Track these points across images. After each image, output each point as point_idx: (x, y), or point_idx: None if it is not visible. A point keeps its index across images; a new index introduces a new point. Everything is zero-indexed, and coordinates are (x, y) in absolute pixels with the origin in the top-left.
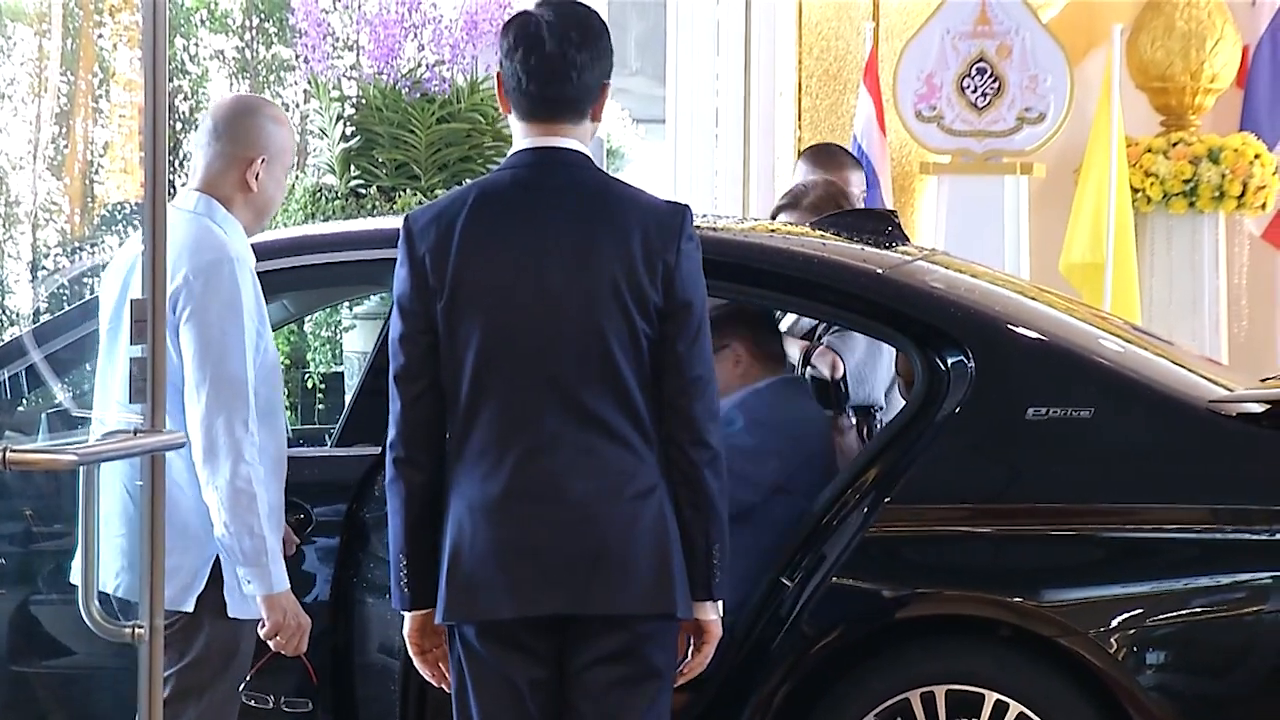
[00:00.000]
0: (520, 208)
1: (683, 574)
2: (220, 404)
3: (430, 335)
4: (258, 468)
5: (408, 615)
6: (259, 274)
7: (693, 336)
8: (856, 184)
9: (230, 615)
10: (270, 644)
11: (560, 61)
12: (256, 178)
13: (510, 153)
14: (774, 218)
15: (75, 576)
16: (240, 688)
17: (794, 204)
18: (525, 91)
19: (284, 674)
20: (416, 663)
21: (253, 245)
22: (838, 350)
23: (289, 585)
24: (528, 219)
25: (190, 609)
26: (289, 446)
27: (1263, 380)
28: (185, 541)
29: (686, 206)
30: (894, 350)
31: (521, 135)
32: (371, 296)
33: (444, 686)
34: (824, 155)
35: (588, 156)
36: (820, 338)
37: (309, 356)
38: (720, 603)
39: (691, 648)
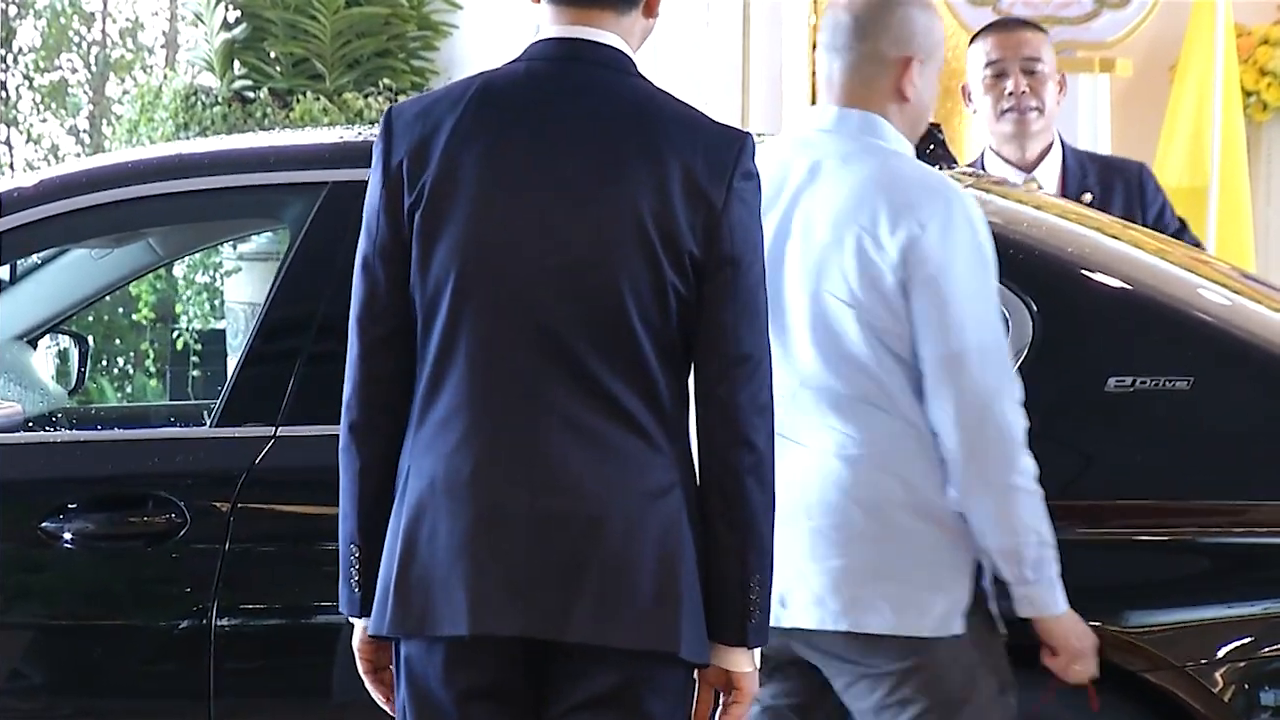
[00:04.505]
0: (530, 111)
1: (695, 603)
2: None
3: (400, 264)
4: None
5: (358, 623)
6: (113, 203)
7: (743, 303)
8: (1047, 53)
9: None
10: (1050, 665)
11: None
12: (911, 85)
13: (530, 42)
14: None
15: None
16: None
17: None
18: None
19: None
20: (368, 683)
21: (106, 168)
22: None
23: (1068, 606)
24: (537, 126)
25: (962, 630)
26: (152, 424)
27: None
28: (951, 553)
29: (747, 134)
30: None
31: (548, 25)
32: (261, 233)
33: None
34: (1001, 22)
35: (630, 59)
36: None
37: (179, 309)
38: (758, 651)
39: (720, 708)
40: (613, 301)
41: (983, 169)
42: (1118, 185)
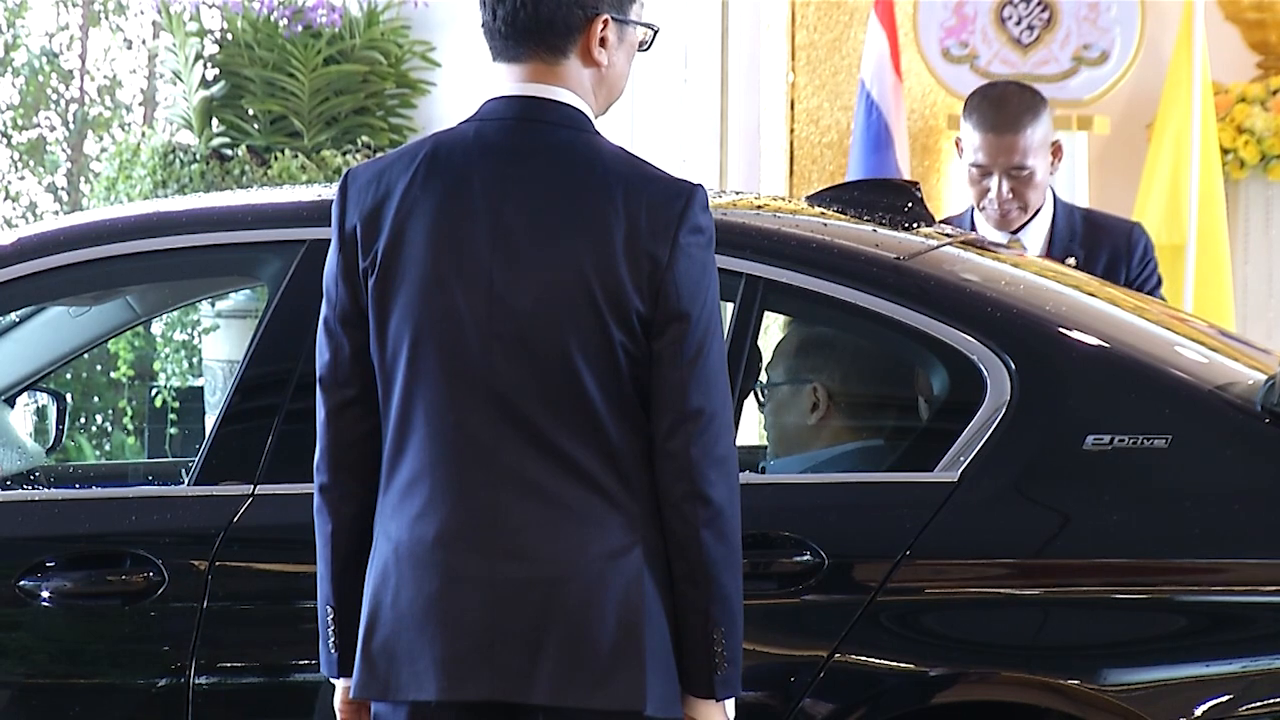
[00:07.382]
0: (477, 175)
1: (663, 658)
2: None
3: (360, 328)
4: None
5: (338, 684)
6: (91, 261)
7: (692, 358)
8: (1038, 145)
9: None
10: None
11: None
12: None
13: (483, 100)
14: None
15: None
16: None
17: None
18: (487, 25)
19: None
20: None
21: (84, 225)
22: None
23: None
24: (483, 191)
25: None
26: (130, 483)
27: None
28: None
29: (697, 187)
30: None
31: (501, 82)
32: (239, 291)
33: None
34: (992, 108)
35: (582, 114)
36: None
37: (158, 367)
38: (729, 703)
39: None
40: (562, 362)
41: (971, 227)
42: (1104, 248)
